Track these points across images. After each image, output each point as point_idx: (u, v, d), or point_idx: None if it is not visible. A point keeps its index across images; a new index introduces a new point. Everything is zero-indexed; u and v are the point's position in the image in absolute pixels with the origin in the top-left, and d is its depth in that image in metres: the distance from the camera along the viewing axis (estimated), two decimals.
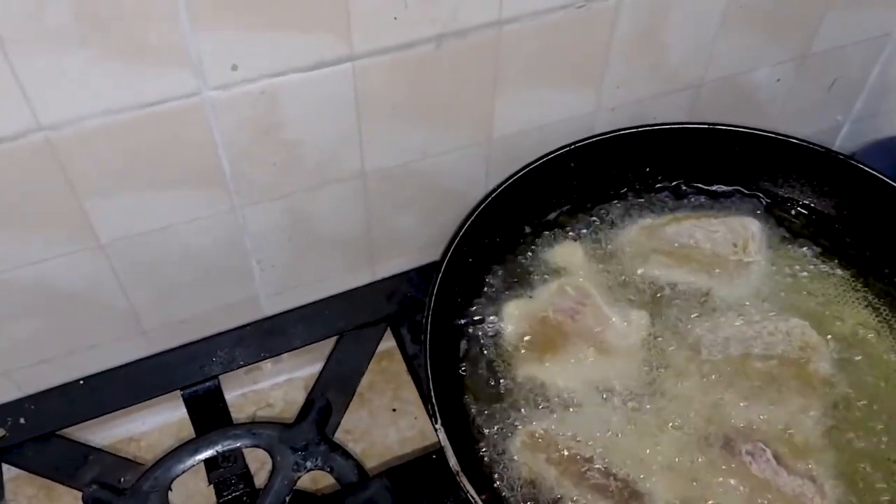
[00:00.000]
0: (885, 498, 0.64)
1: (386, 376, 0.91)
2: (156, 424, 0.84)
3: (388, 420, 0.87)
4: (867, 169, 0.77)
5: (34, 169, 0.60)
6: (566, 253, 0.78)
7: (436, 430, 0.62)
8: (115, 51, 0.56)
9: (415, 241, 0.82)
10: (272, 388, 0.90)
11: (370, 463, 0.78)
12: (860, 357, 0.71)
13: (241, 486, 0.71)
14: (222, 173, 0.68)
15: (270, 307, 0.81)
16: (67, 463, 0.71)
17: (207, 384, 0.75)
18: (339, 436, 0.83)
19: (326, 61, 0.64)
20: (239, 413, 0.87)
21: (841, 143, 0.98)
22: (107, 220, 0.67)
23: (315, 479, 0.76)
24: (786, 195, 0.81)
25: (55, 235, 0.65)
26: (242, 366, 0.76)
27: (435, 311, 0.69)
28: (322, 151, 0.70)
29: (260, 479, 0.73)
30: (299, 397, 0.84)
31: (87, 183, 0.62)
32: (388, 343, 0.85)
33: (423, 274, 0.82)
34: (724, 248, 0.76)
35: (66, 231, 0.65)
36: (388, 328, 0.81)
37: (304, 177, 0.72)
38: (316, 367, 0.82)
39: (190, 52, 0.58)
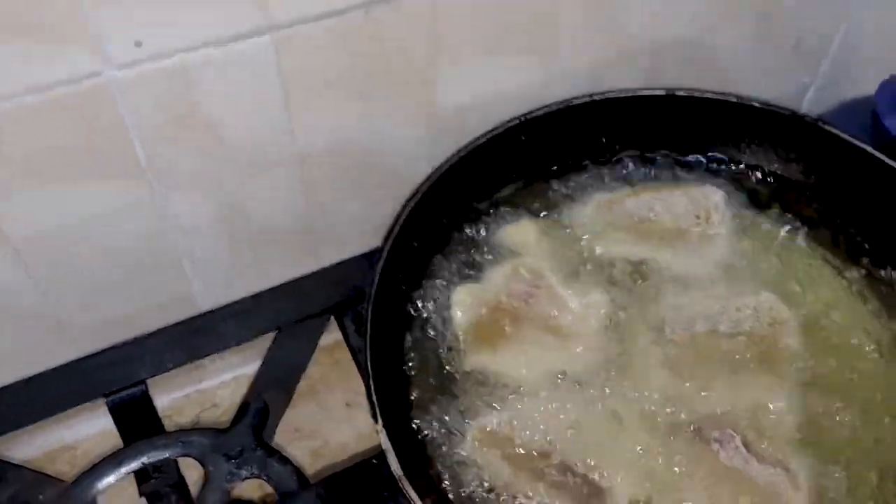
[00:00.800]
0: (863, 485, 0.60)
1: (339, 369, 0.86)
2: (90, 433, 0.78)
3: (342, 416, 0.82)
4: (836, 132, 0.73)
5: None
6: (519, 232, 0.73)
7: (377, 431, 0.57)
8: (5, 29, 0.51)
9: (360, 225, 0.77)
10: (219, 386, 0.84)
11: (322, 463, 0.74)
12: (832, 330, 0.67)
13: (174, 497, 0.65)
14: (137, 161, 0.63)
15: (206, 302, 0.75)
16: None
17: (134, 389, 0.69)
18: (288, 435, 0.78)
19: (243, 33, 0.59)
20: (181, 416, 0.82)
21: (807, 107, 0.93)
22: (15, 217, 0.61)
23: (261, 485, 0.71)
24: (750, 162, 0.77)
25: None
26: (171, 368, 0.70)
27: (377, 301, 0.64)
28: (248, 134, 0.65)
29: (198, 489, 0.68)
30: None
31: None
32: (339, 334, 0.79)
33: (366, 261, 0.77)
34: (686, 221, 0.71)
35: None
36: (335, 319, 0.76)
37: (230, 163, 0.66)
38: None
39: (88, 27, 0.53)
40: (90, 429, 0.77)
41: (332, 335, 0.81)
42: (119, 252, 0.68)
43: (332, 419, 0.82)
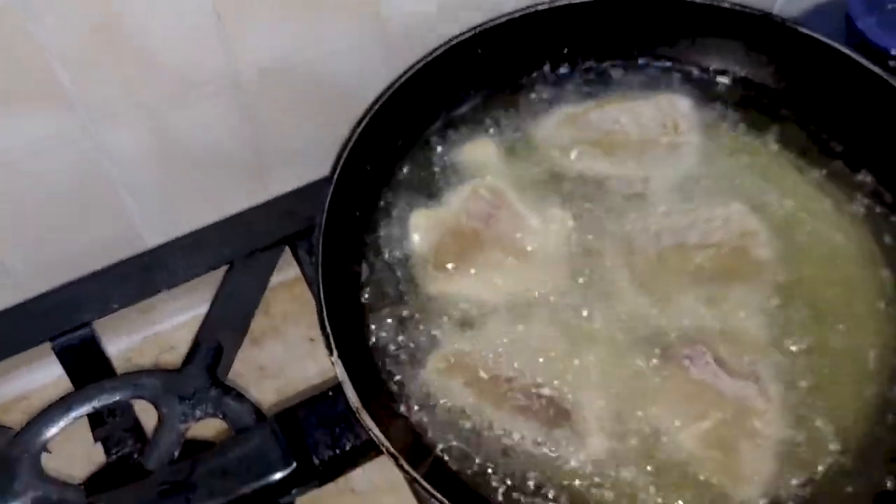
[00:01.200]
0: (836, 395, 0.58)
1: (300, 304, 0.83)
2: (43, 382, 0.76)
3: (306, 351, 0.80)
4: (810, 33, 0.69)
5: None
6: (477, 151, 0.69)
7: (332, 363, 0.55)
8: None
9: (310, 152, 0.73)
10: (175, 328, 0.82)
11: (288, 401, 0.71)
12: (804, 240, 0.64)
13: (131, 441, 0.63)
14: (60, 86, 0.58)
15: (150, 240, 0.72)
16: None
17: (81, 332, 0.66)
18: (252, 375, 0.76)
19: None
20: (141, 360, 0.79)
21: (779, 9, 0.88)
22: None
23: (218, 425, 0.69)
24: (720, 68, 0.72)
25: None
26: (117, 308, 0.67)
27: (328, 229, 0.61)
28: (178, 53, 0.60)
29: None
30: None
31: None
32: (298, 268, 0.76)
33: (319, 188, 0.73)
34: (653, 131, 0.68)
35: None
36: (290, 252, 0.72)
37: (161, 83, 0.62)
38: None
39: None
40: (43, 378, 0.74)
41: (292, 270, 0.78)
42: (53, 188, 0.64)
43: (295, 356, 0.80)
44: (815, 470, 0.56)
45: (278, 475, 0.52)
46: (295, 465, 0.52)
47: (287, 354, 0.80)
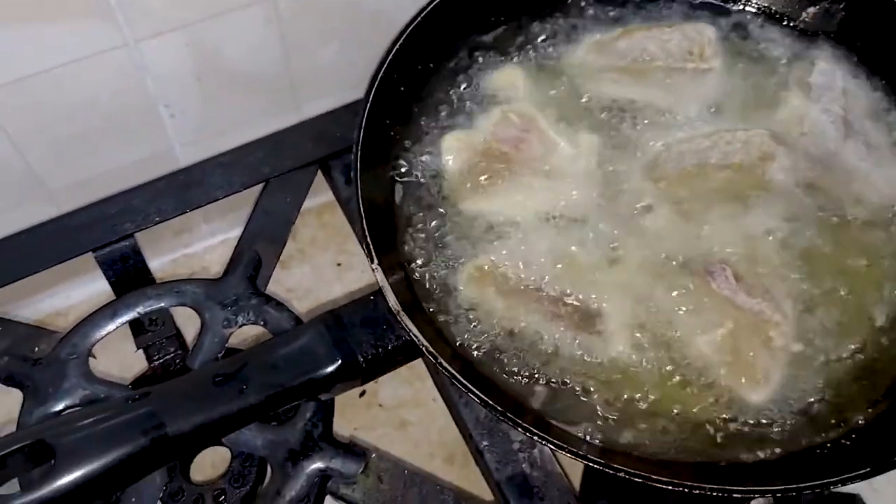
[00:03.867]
0: (851, 312, 0.61)
1: (328, 230, 0.86)
2: (82, 297, 0.78)
3: (333, 275, 0.83)
4: None
5: None
6: (505, 77, 0.71)
7: (372, 269, 0.57)
8: None
9: (341, 74, 0.75)
10: (206, 250, 0.84)
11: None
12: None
13: (173, 348, 0.66)
14: (107, 2, 0.59)
15: (187, 157, 0.73)
16: None
17: (123, 244, 0.68)
18: (282, 294, 0.78)
19: None
20: (172, 278, 0.81)
21: None
22: None
23: (258, 337, 0.71)
24: None
25: None
26: (158, 221, 0.69)
27: (365, 147, 0.63)
28: None
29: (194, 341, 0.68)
30: None
31: None
32: (328, 196, 0.78)
33: (353, 111, 0.74)
34: (679, 58, 0.70)
35: None
36: (321, 172, 0.74)
37: (203, 1, 0.63)
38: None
39: None
40: (84, 292, 0.76)
41: (320, 197, 0.80)
42: (93, 103, 0.66)
43: (322, 279, 0.82)
44: (824, 379, 0.59)
45: (325, 371, 0.54)
46: (340, 361, 0.55)
47: (314, 277, 0.82)
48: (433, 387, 0.72)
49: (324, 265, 0.83)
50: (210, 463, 0.65)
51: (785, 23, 0.74)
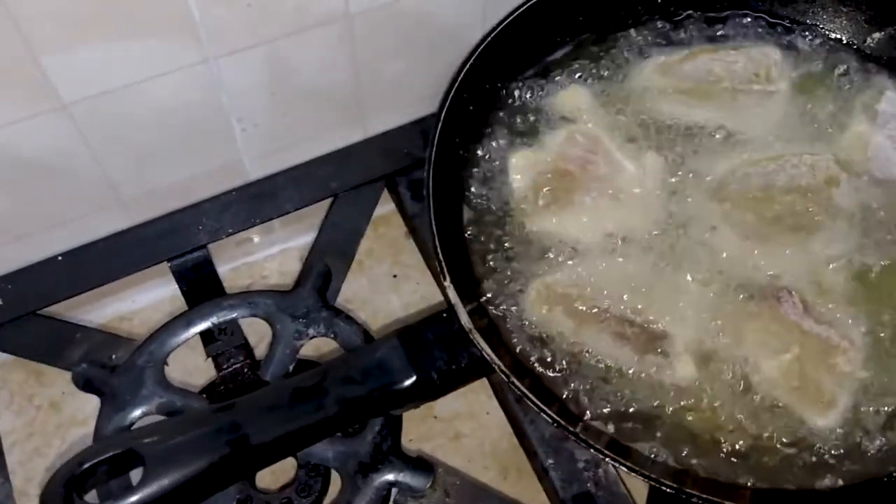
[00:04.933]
0: None
1: (384, 242, 0.87)
2: (148, 302, 0.80)
3: (389, 287, 0.84)
4: None
5: None
6: (573, 97, 0.72)
7: (444, 287, 0.58)
8: None
9: (408, 92, 0.76)
10: (266, 259, 0.85)
11: (376, 332, 0.75)
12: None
13: (241, 357, 0.67)
14: (191, 18, 0.61)
15: (256, 171, 0.75)
16: (53, 343, 0.67)
17: (196, 254, 0.70)
18: (340, 304, 0.80)
19: None
20: (233, 286, 0.83)
21: None
22: (67, 76, 0.60)
23: (319, 348, 0.73)
24: (808, 21, 0.74)
25: (11, 95, 0.59)
26: (231, 233, 0.70)
27: (436, 165, 0.64)
28: None
29: (260, 351, 0.70)
30: (295, 268, 0.79)
31: (41, 34, 0.56)
32: (384, 207, 0.79)
33: (418, 128, 0.76)
34: (744, 80, 0.70)
35: (24, 90, 0.59)
36: (386, 189, 0.76)
37: (281, 19, 0.64)
38: (310, 236, 0.77)
39: None
40: (153, 298, 0.78)
41: (379, 208, 0.82)
42: (170, 116, 0.67)
43: (379, 290, 0.83)
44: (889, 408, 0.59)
45: (401, 385, 0.55)
46: (415, 377, 0.56)
47: (371, 289, 0.83)
48: (487, 399, 0.73)
49: (380, 276, 0.84)
50: (270, 470, 0.67)
51: (851, 46, 0.74)
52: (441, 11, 0.71)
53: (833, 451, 0.58)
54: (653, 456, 0.57)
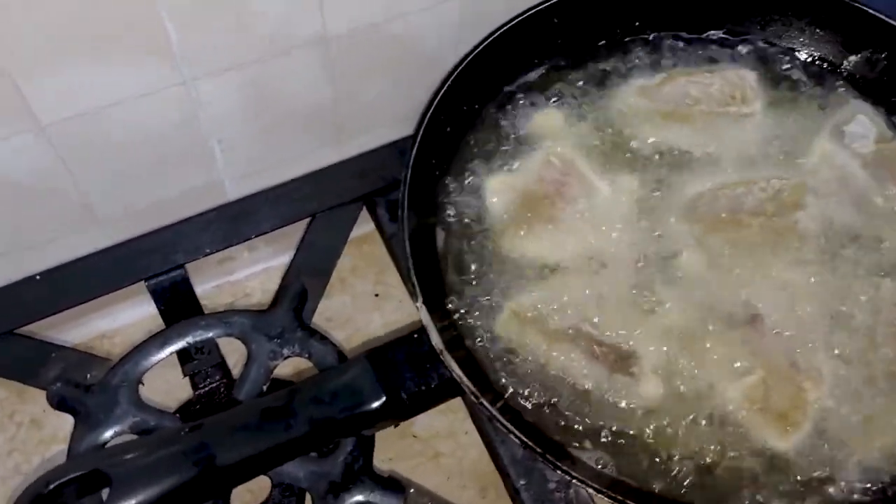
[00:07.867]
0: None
1: (367, 260, 0.87)
2: (129, 320, 0.80)
3: (371, 305, 0.84)
4: (877, 13, 0.71)
5: None
6: (548, 120, 0.73)
7: (417, 307, 0.58)
8: None
9: (385, 113, 0.76)
10: (248, 277, 0.86)
11: (354, 350, 0.75)
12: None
13: (218, 377, 0.67)
14: (168, 40, 0.61)
15: (236, 191, 0.75)
16: (28, 362, 0.67)
17: (173, 274, 0.70)
18: (321, 324, 0.80)
19: None
20: (215, 305, 0.83)
21: None
22: (45, 98, 0.60)
23: (296, 367, 0.73)
24: (785, 44, 0.75)
25: None
26: (209, 253, 0.71)
27: (412, 186, 0.64)
28: (276, 12, 0.63)
29: (238, 371, 0.70)
30: (277, 286, 0.80)
31: (18, 56, 0.56)
32: (368, 226, 0.80)
33: (396, 149, 0.77)
34: (720, 102, 0.71)
35: (0, 112, 0.59)
36: (365, 208, 0.76)
37: (258, 43, 0.65)
38: (292, 256, 0.78)
39: None
40: (131, 317, 0.78)
41: (360, 228, 0.82)
42: (148, 137, 0.68)
43: (361, 309, 0.84)
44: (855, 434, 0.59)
45: (370, 406, 0.56)
46: (385, 398, 0.56)
47: (353, 307, 0.84)
48: (466, 418, 0.73)
49: (362, 295, 0.84)
50: (247, 489, 0.67)
51: (827, 69, 0.75)
52: (418, 34, 0.71)
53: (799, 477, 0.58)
54: (620, 477, 0.57)
